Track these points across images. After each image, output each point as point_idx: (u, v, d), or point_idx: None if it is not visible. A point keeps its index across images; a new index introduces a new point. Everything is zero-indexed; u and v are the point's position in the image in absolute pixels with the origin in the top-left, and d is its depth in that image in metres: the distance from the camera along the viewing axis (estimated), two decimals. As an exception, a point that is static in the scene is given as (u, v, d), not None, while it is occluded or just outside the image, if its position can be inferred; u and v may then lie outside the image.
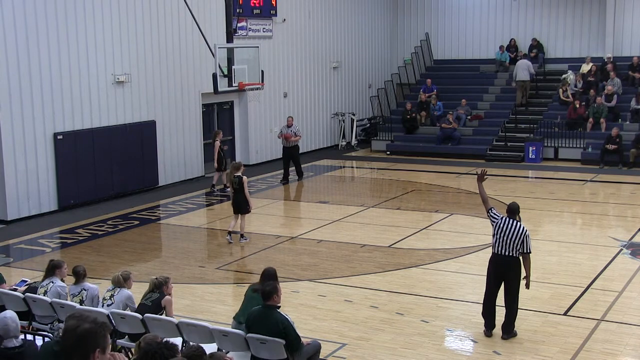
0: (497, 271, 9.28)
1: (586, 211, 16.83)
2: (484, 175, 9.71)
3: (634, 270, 12.01)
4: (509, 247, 9.11)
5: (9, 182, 15.96)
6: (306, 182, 20.59)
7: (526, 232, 9.12)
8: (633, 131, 22.20)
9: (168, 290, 8.57)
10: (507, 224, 9.16)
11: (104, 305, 8.50)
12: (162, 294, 8.45)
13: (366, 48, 28.37)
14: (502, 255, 9.18)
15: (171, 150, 19.89)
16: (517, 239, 9.06)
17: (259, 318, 7.36)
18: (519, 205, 9.49)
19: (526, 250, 9.12)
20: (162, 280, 8.56)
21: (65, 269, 9.14)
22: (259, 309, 7.45)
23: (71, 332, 3.95)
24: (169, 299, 8.45)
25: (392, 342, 9.22)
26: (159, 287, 8.50)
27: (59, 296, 8.69)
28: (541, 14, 27.31)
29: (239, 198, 14.06)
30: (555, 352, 8.86)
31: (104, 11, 17.73)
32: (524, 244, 9.08)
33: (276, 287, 7.49)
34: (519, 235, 9.07)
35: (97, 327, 3.95)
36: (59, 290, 8.75)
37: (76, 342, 3.92)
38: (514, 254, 9.12)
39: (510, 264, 9.17)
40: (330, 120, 26.52)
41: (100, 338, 3.95)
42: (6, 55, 15.65)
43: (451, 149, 24.18)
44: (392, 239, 14.20)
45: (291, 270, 12.27)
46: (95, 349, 3.92)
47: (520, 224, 9.19)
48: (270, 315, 7.31)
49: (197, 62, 20.18)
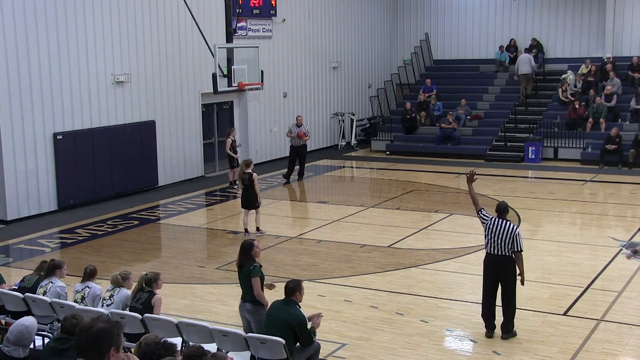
0: (492, 271, 9.33)
1: (586, 211, 16.84)
2: (473, 177, 9.76)
3: (633, 270, 12.01)
4: (501, 246, 9.15)
5: (8, 182, 15.96)
6: (306, 182, 20.59)
7: (516, 230, 9.17)
8: (633, 131, 22.19)
9: (158, 286, 8.46)
10: (497, 224, 9.21)
11: (103, 306, 8.50)
12: (151, 293, 8.32)
13: (366, 48, 28.38)
14: (494, 255, 9.23)
15: (171, 150, 19.90)
16: (508, 238, 9.11)
17: (279, 309, 7.71)
18: (507, 204, 9.56)
19: (517, 248, 9.14)
20: (152, 277, 8.43)
21: (65, 270, 9.14)
22: (280, 302, 7.78)
23: (86, 331, 3.98)
24: (158, 298, 8.34)
25: (391, 342, 9.23)
26: (149, 283, 8.38)
27: (58, 296, 8.69)
28: (541, 14, 27.31)
29: (249, 194, 14.43)
30: (555, 352, 8.87)
31: (103, 11, 17.73)
32: (514, 242, 9.11)
33: (300, 284, 7.87)
34: (509, 234, 9.11)
35: (111, 326, 4.00)
36: (58, 290, 8.74)
37: (91, 341, 3.95)
38: (506, 253, 9.16)
39: (504, 264, 9.21)
40: (330, 120, 26.52)
41: (115, 337, 3.99)
42: (6, 55, 15.65)
43: (451, 149, 24.18)
44: (392, 239, 14.21)
45: (291, 270, 12.27)
46: (110, 347, 3.96)
47: (510, 223, 9.23)
48: (289, 308, 7.66)
49: (197, 62, 20.18)
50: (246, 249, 8.51)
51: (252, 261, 8.42)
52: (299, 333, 7.61)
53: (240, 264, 8.54)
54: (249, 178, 14.34)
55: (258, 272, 8.34)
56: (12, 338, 5.49)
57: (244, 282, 8.46)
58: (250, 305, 8.41)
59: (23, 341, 5.51)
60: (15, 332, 5.51)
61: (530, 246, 13.77)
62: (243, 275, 8.45)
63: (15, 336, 5.49)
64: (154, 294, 8.33)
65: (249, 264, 8.40)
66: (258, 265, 8.42)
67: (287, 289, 7.85)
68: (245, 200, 14.59)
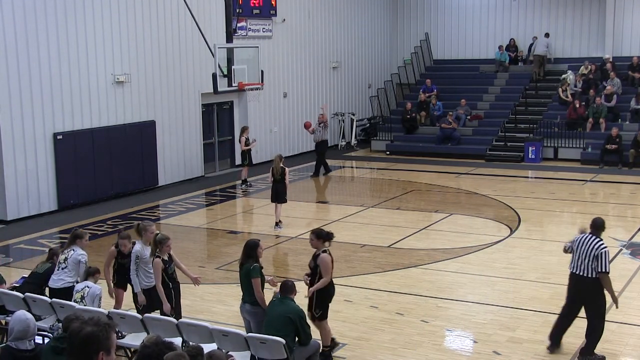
0: (573, 292, 8.68)
1: (586, 211, 16.81)
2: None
3: (633, 270, 12.01)
4: (584, 265, 8.39)
5: (8, 182, 15.96)
6: (306, 182, 20.59)
7: (603, 248, 8.29)
8: (633, 131, 22.19)
9: (163, 251, 8.82)
10: (584, 240, 8.48)
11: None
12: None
13: (366, 48, 28.37)
14: (577, 275, 8.53)
15: (171, 150, 19.89)
16: (592, 255, 8.29)
17: (277, 306, 7.83)
18: (604, 221, 8.72)
19: (602, 269, 8.25)
20: (163, 238, 8.85)
21: (86, 241, 9.39)
22: (277, 300, 7.94)
23: (75, 336, 3.96)
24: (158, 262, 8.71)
25: (392, 342, 9.22)
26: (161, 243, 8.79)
27: (78, 263, 8.95)
28: (541, 14, 27.32)
29: (279, 187, 15.00)
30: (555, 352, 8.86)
31: (103, 11, 17.73)
32: (600, 261, 8.24)
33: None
34: (593, 250, 8.30)
35: (99, 329, 3.96)
36: (79, 258, 9.01)
37: (80, 346, 3.93)
38: (589, 275, 8.35)
39: (587, 285, 8.42)
40: (330, 120, 26.51)
41: (104, 340, 3.95)
42: (6, 55, 15.65)
43: (451, 149, 24.18)
44: (392, 239, 14.20)
45: (291, 270, 12.27)
46: (99, 351, 3.93)
47: (599, 240, 8.39)
48: (287, 303, 7.85)
49: (197, 62, 20.18)
50: (250, 247, 8.42)
51: (253, 261, 8.35)
52: (300, 327, 7.67)
53: (242, 262, 8.51)
54: (281, 172, 14.86)
55: (257, 273, 8.27)
56: (18, 333, 5.52)
57: (243, 281, 8.44)
58: (249, 307, 8.39)
59: (29, 334, 5.57)
60: (18, 327, 5.54)
61: (531, 246, 13.80)
62: (243, 274, 8.42)
63: (21, 332, 5.53)
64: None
65: (249, 263, 8.35)
66: (258, 266, 8.33)
67: (286, 287, 7.91)
68: (275, 193, 15.08)
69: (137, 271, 8.92)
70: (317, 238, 8.67)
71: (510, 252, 13.28)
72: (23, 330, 5.53)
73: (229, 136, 22.52)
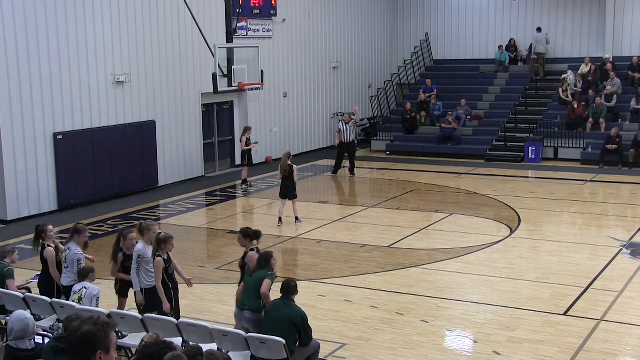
0: None
1: (586, 211, 16.83)
2: None
3: (633, 270, 12.01)
4: None
5: (9, 182, 15.96)
6: (306, 182, 20.57)
7: None
8: (633, 131, 22.18)
9: (166, 250, 8.81)
10: None
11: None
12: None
13: (366, 48, 28.37)
14: None
15: (171, 150, 19.89)
16: None
17: (279, 308, 7.78)
18: None
19: None
20: (165, 236, 8.84)
21: (85, 237, 9.37)
22: (279, 301, 7.86)
23: (73, 335, 3.95)
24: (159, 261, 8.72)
25: (392, 342, 9.22)
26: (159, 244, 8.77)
27: (73, 263, 8.97)
28: (541, 14, 27.30)
29: (289, 184, 15.27)
30: (555, 352, 8.86)
31: (104, 11, 17.73)
32: None
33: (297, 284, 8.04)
34: None
35: (97, 328, 3.93)
36: (74, 258, 9.01)
37: (78, 345, 3.92)
38: None
39: None
40: (330, 120, 26.50)
41: (102, 339, 3.92)
42: (6, 55, 15.65)
43: (451, 149, 24.18)
44: (392, 239, 14.20)
45: (291, 270, 12.27)
46: (97, 350, 3.91)
47: None
48: (290, 305, 7.79)
49: (197, 62, 20.18)
50: (265, 259, 8.38)
51: (267, 269, 8.30)
52: (302, 329, 7.66)
53: (253, 271, 8.42)
54: (289, 169, 15.15)
55: (273, 279, 8.28)
56: (18, 333, 5.53)
57: (252, 287, 8.31)
58: (250, 314, 8.29)
59: (29, 333, 5.58)
60: (18, 326, 5.55)
61: (531, 246, 13.80)
62: (253, 280, 8.31)
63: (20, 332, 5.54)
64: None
65: (265, 270, 8.28)
66: (275, 274, 8.37)
67: (289, 288, 7.86)
68: (284, 190, 15.35)
69: (138, 270, 8.93)
70: (244, 237, 8.92)
71: (510, 252, 13.29)
72: (23, 330, 5.55)
73: (229, 136, 22.51)
